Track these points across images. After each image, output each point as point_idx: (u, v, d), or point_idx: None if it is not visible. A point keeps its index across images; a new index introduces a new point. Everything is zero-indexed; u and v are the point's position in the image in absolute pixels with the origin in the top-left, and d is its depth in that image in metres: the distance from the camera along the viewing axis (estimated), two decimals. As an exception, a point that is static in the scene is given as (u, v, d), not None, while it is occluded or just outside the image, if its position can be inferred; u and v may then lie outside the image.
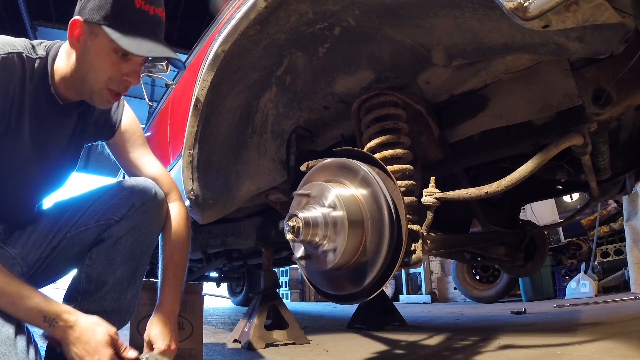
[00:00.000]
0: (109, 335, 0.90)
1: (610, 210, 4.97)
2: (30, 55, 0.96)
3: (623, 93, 1.13)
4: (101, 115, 1.15)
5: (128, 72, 0.97)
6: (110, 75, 0.96)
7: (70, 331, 0.86)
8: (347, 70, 1.43)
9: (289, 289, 8.26)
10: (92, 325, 0.89)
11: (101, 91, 0.98)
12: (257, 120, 1.58)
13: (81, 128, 1.12)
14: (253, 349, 1.98)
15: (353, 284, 1.07)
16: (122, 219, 1.08)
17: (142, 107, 3.08)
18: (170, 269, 1.13)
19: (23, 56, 0.94)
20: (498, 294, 4.79)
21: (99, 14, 0.91)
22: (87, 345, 0.86)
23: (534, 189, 2.20)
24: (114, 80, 0.97)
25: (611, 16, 0.74)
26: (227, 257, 3.49)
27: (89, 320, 0.89)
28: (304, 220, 1.02)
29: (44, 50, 0.99)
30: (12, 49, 0.92)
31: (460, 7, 1.04)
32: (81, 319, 0.88)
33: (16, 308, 0.84)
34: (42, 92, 0.99)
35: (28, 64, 0.95)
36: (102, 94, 0.98)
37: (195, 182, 1.47)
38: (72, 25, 0.93)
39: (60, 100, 1.01)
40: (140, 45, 0.92)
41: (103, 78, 0.96)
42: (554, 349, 1.54)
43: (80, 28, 0.93)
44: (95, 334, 0.87)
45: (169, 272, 1.12)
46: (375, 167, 1.11)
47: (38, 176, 1.06)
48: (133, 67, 0.98)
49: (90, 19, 0.92)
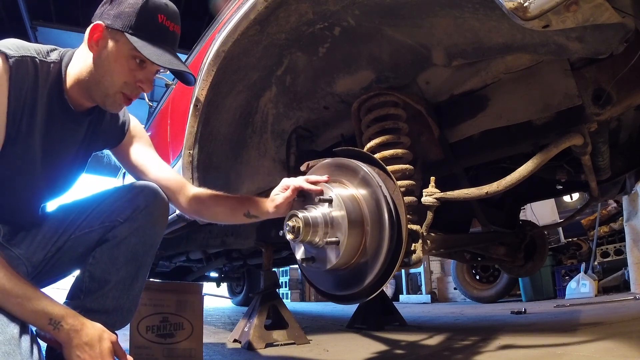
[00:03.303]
0: (112, 342, 0.90)
1: (610, 210, 4.97)
2: (44, 59, 0.98)
3: (623, 93, 1.13)
4: (111, 122, 1.18)
5: (143, 79, 1.02)
6: (126, 80, 1.00)
7: (75, 335, 0.86)
8: (347, 70, 1.43)
9: (289, 289, 8.26)
10: (98, 331, 0.89)
11: (115, 94, 1.01)
12: (257, 120, 1.58)
13: (91, 136, 1.15)
14: (253, 349, 1.98)
15: (353, 284, 1.07)
16: (127, 220, 1.10)
17: (142, 107, 3.08)
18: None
19: (36, 60, 0.95)
20: (498, 294, 4.79)
21: (122, 22, 0.96)
22: (92, 351, 0.87)
23: (534, 189, 2.20)
24: (129, 86, 1.01)
25: (611, 16, 0.74)
26: (227, 257, 3.49)
27: (95, 327, 0.90)
28: (303, 220, 1.02)
29: (58, 55, 1.01)
30: (25, 53, 0.94)
31: (460, 7, 1.04)
32: (87, 325, 0.89)
33: (22, 309, 0.84)
34: (55, 96, 1.00)
35: (42, 69, 0.97)
36: (116, 98, 1.02)
37: (195, 182, 1.47)
38: (94, 29, 0.97)
39: (72, 105, 1.03)
40: (160, 56, 0.96)
41: (119, 82, 1.00)
42: (554, 349, 1.54)
43: (101, 33, 0.97)
44: (101, 341, 0.88)
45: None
46: (375, 167, 1.11)
47: (45, 181, 1.06)
48: (147, 75, 1.03)
49: (112, 25, 0.96)
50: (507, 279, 4.70)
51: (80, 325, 0.87)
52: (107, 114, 1.15)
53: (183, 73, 1.04)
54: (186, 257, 3.73)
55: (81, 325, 0.88)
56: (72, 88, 1.02)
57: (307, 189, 1.07)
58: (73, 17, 5.39)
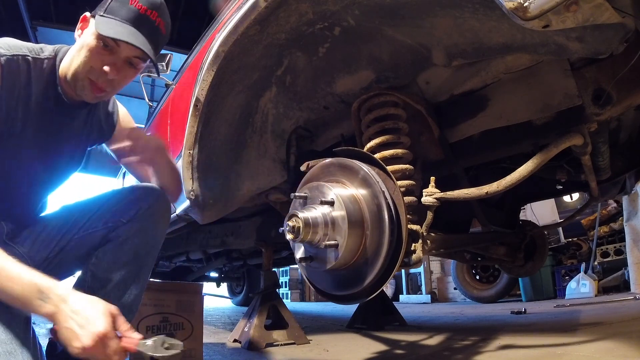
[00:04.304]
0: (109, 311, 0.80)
1: (610, 210, 4.97)
2: (37, 56, 0.99)
3: (623, 93, 1.13)
4: (103, 114, 1.19)
5: (109, 63, 0.98)
6: (92, 64, 0.98)
7: (63, 305, 0.77)
8: (347, 70, 1.43)
9: (289, 289, 8.26)
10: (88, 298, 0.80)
11: (83, 80, 0.99)
12: (257, 120, 1.58)
13: (88, 130, 1.16)
14: (253, 349, 1.98)
15: (353, 284, 1.07)
16: (130, 220, 1.11)
17: (142, 107, 3.08)
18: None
19: (28, 58, 0.96)
20: (498, 294, 4.79)
21: (99, 9, 1.00)
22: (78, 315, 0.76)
23: (534, 189, 2.20)
24: (95, 71, 0.99)
25: (611, 16, 0.74)
26: (227, 257, 3.49)
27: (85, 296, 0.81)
28: (303, 220, 1.02)
29: (52, 50, 1.03)
30: (17, 52, 0.94)
31: (460, 7, 1.04)
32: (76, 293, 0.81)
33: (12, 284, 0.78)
34: (50, 91, 1.01)
35: (35, 66, 0.97)
36: (84, 84, 1.00)
37: (195, 182, 1.47)
38: (81, 19, 1.03)
39: (66, 99, 1.04)
40: (116, 30, 0.94)
41: (85, 67, 0.98)
42: (554, 349, 1.54)
43: (84, 22, 1.02)
44: (90, 303, 0.79)
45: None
46: (375, 167, 1.11)
47: (42, 174, 1.08)
48: (114, 61, 1.00)
49: (92, 13, 1.01)
50: (507, 279, 4.70)
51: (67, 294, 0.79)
52: (99, 106, 1.16)
53: (144, 55, 1.00)
54: (186, 257, 3.73)
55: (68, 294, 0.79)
56: (64, 81, 1.01)
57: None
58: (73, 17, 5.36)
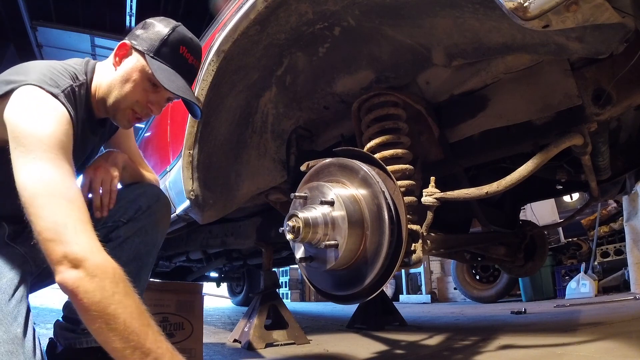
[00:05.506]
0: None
1: (610, 210, 4.97)
2: (79, 84, 1.03)
3: (623, 93, 1.13)
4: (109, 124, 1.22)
5: (154, 101, 1.08)
6: (139, 99, 1.06)
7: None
8: (347, 70, 1.43)
9: (289, 289, 8.26)
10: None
11: (125, 110, 1.07)
12: (257, 120, 1.58)
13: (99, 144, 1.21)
14: (253, 349, 1.98)
15: (353, 284, 1.07)
16: (130, 220, 1.12)
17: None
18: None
19: (75, 88, 1.00)
20: (498, 294, 4.79)
21: (147, 45, 1.03)
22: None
23: (534, 189, 2.20)
24: (140, 105, 1.07)
25: (611, 16, 0.74)
26: (227, 257, 3.49)
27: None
28: (303, 220, 1.02)
29: (83, 73, 1.06)
30: (65, 85, 0.96)
31: (460, 7, 1.04)
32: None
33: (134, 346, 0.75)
34: (86, 113, 1.07)
35: (79, 94, 1.02)
36: (125, 113, 1.08)
37: (195, 182, 1.47)
38: (121, 46, 1.05)
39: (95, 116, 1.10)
40: (172, 82, 1.02)
41: (131, 99, 1.05)
42: (554, 349, 1.54)
43: (127, 51, 1.05)
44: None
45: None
46: (375, 167, 1.11)
47: None
48: (159, 100, 1.08)
49: (137, 46, 1.04)
50: (507, 279, 4.70)
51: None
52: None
53: (191, 104, 1.08)
54: (186, 257, 3.73)
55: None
56: (95, 101, 1.08)
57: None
58: (73, 17, 5.39)
